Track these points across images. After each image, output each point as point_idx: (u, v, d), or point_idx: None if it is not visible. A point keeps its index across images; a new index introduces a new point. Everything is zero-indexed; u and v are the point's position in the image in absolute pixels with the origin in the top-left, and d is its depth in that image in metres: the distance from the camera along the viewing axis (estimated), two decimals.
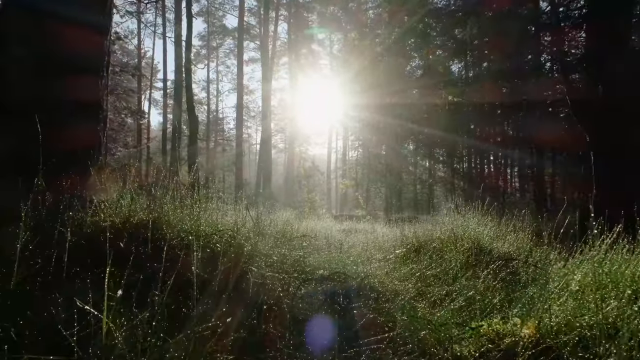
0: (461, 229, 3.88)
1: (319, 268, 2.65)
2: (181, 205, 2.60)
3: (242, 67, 24.13)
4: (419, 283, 2.57)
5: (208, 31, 30.50)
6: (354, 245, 4.36)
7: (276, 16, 25.08)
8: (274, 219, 4.81)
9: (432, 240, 3.91)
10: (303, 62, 27.91)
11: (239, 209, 4.87)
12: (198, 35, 31.27)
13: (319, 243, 3.82)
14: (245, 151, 37.05)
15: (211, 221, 2.81)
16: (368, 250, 4.20)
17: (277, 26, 25.36)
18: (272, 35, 25.17)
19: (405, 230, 6.97)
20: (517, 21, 19.15)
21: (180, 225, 2.41)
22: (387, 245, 4.82)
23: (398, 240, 4.90)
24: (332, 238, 4.71)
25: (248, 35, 27.75)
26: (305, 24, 27.06)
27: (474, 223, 4.11)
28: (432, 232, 4.28)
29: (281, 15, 25.99)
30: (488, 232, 3.78)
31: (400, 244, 4.23)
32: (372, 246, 4.75)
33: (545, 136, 18.33)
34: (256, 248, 2.40)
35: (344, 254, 3.71)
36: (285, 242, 3.41)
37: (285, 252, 2.64)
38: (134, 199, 2.60)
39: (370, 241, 5.50)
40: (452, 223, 4.18)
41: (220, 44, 31.71)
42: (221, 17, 30.18)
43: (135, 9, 23.84)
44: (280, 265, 2.39)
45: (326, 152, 33.37)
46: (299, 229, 5.50)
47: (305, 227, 6.28)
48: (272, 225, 4.54)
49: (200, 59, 31.92)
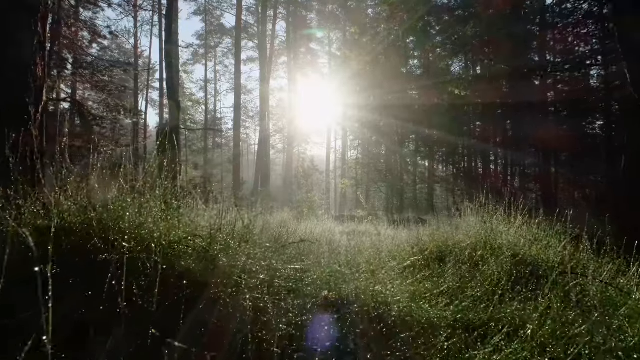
0: (491, 233, 3.21)
1: (322, 287, 1.99)
2: (142, 205, 1.93)
3: (240, 67, 23.46)
4: (458, 307, 1.90)
5: (206, 30, 29.78)
6: (360, 251, 3.70)
7: (274, 15, 24.42)
8: (267, 221, 4.14)
9: (455, 246, 3.24)
10: (302, 61, 27.27)
11: (229, 210, 4.18)
12: (196, 35, 30.65)
13: (320, 250, 3.14)
14: (244, 151, 36.37)
15: (187, 225, 2.16)
16: (379, 257, 3.54)
17: (276, 25, 24.70)
18: (271, 34, 24.52)
19: (415, 232, 6.29)
20: (520, 20, 18.59)
21: (138, 231, 1.75)
22: (398, 249, 4.15)
23: (411, 244, 4.24)
24: (334, 242, 4.05)
25: (246, 34, 27.07)
26: (304, 23, 26.42)
27: (503, 225, 3.45)
28: (451, 236, 3.62)
29: (280, 13, 25.35)
30: (524, 236, 3.12)
31: (415, 250, 3.56)
32: (382, 251, 4.09)
33: (547, 136, 17.76)
34: (237, 261, 1.74)
35: (352, 263, 3.05)
36: (279, 250, 2.74)
37: (279, 266, 1.97)
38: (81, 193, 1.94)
39: (377, 245, 4.83)
40: (477, 226, 3.51)
41: (218, 43, 30.99)
42: (219, 17, 29.50)
43: (131, 8, 23.18)
44: (270, 285, 1.73)
45: (325, 152, 32.70)
46: (297, 231, 4.83)
47: (304, 230, 5.60)
48: (266, 228, 3.87)
49: (198, 59, 31.21)
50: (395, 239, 6.12)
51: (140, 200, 1.89)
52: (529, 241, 3.02)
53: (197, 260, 1.59)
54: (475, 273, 2.41)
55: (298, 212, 13.44)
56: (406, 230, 7.65)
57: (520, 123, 18.88)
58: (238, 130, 23.61)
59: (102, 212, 1.74)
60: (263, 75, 23.30)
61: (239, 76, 23.22)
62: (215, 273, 1.55)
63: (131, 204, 1.84)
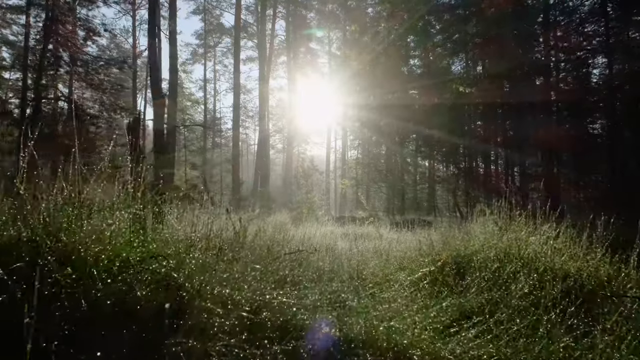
0: (514, 242, 2.80)
1: (322, 317, 1.58)
2: (92, 215, 1.51)
3: (239, 66, 23.04)
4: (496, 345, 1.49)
5: (205, 30, 29.33)
6: (365, 260, 3.29)
7: (274, 14, 23.99)
8: (263, 225, 3.72)
9: (474, 256, 2.82)
10: (301, 60, 26.85)
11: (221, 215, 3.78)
12: (195, 34, 30.20)
13: (321, 264, 2.72)
14: (244, 151, 35.94)
15: (156, 240, 1.75)
16: (385, 268, 3.12)
17: (275, 24, 24.28)
18: (270, 34, 24.10)
19: (420, 235, 5.88)
20: (522, 18, 18.19)
21: (80, 252, 1.34)
22: (406, 257, 3.74)
23: (420, 251, 3.82)
24: (335, 249, 3.63)
25: (245, 34, 26.65)
26: (304, 22, 26.00)
27: (525, 232, 3.03)
28: (467, 244, 3.21)
29: (279, 12, 24.91)
30: (551, 245, 2.70)
31: (427, 260, 3.15)
32: (388, 258, 3.67)
33: (550, 136, 17.37)
34: (213, 288, 1.33)
35: (356, 277, 2.64)
36: (271, 263, 2.33)
37: (267, 292, 1.54)
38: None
39: (383, 251, 4.42)
40: (495, 233, 3.09)
41: (218, 42, 30.54)
42: (218, 16, 29.06)
43: (129, 6, 22.80)
44: (253, 323, 1.32)
45: (325, 152, 32.26)
46: (295, 237, 4.41)
47: (302, 234, 5.17)
48: (261, 234, 3.46)
49: (197, 58, 30.78)
50: (400, 243, 5.71)
51: (88, 210, 1.48)
52: (558, 251, 2.61)
53: (156, 289, 1.19)
54: (505, 292, 1.99)
55: (297, 213, 13.03)
56: (410, 233, 7.24)
57: (522, 122, 18.50)
58: (237, 130, 23.21)
59: (38, 225, 1.33)
60: (262, 75, 22.89)
61: (238, 76, 22.80)
62: (179, 308, 1.15)
63: (77, 214, 1.43)
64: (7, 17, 17.30)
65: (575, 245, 2.65)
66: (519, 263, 2.39)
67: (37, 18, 13.25)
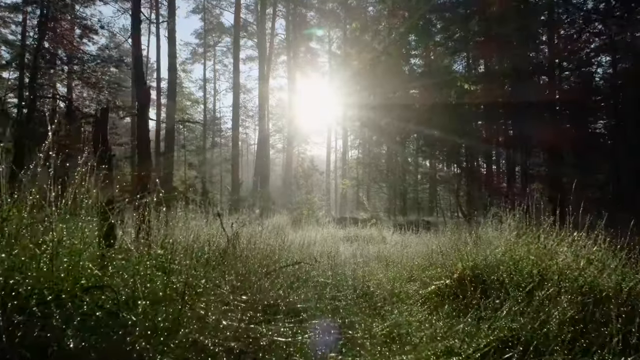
0: (544, 252, 2.45)
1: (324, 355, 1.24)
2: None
3: (239, 65, 22.69)
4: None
5: (204, 29, 28.96)
6: (372, 271, 2.94)
7: (273, 13, 23.64)
8: (257, 232, 3.38)
9: (496, 267, 2.47)
10: (301, 60, 26.50)
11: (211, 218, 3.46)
12: (195, 33, 29.85)
13: (320, 280, 2.38)
14: (244, 151, 35.61)
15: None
16: (396, 281, 2.78)
17: (275, 23, 23.93)
18: (270, 33, 23.75)
19: (426, 238, 5.54)
20: (524, 17, 17.83)
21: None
22: (415, 265, 3.39)
23: (429, 258, 3.48)
24: (338, 259, 3.28)
25: (245, 33, 26.29)
26: (304, 21, 25.65)
27: (552, 240, 2.68)
28: (483, 252, 2.86)
29: (279, 11, 24.56)
30: (584, 256, 2.35)
31: (439, 271, 2.81)
32: (396, 267, 3.33)
33: (553, 135, 17.04)
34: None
35: (361, 293, 2.30)
36: (265, 277, 1.99)
37: (253, 334, 1.20)
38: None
39: (389, 259, 4.08)
40: (522, 243, 2.75)
41: (218, 42, 30.17)
42: (218, 15, 28.69)
43: (128, 5, 22.44)
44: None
45: (325, 152, 31.92)
46: (294, 242, 4.07)
47: (302, 239, 4.83)
48: (255, 240, 3.11)
49: (197, 58, 30.41)
50: (405, 246, 5.36)
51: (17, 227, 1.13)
52: (594, 264, 2.26)
53: (94, 335, 0.85)
54: (543, 316, 1.65)
55: (297, 214, 12.68)
56: (414, 235, 6.90)
57: (524, 122, 18.14)
58: (237, 130, 22.87)
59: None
60: (262, 75, 22.54)
61: (237, 75, 22.47)
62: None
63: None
64: (5, 16, 16.98)
65: (613, 256, 2.31)
66: (553, 279, 2.04)
67: (32, 15, 12.92)
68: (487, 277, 2.35)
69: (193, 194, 13.62)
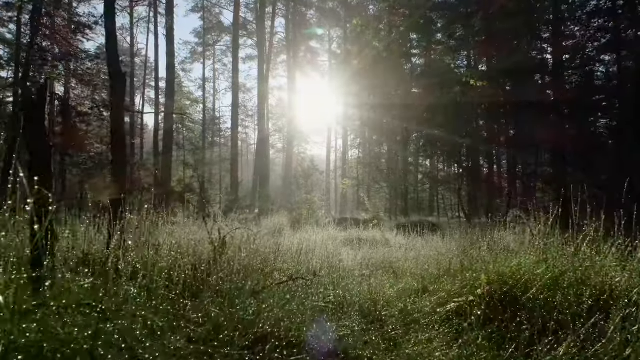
0: (584, 263, 2.03)
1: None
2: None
3: (238, 65, 22.29)
4: None
5: (204, 28, 28.51)
6: (380, 284, 2.54)
7: (273, 12, 23.21)
8: (249, 237, 2.96)
9: (532, 281, 2.06)
10: (301, 59, 26.08)
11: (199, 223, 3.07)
12: (194, 32, 29.38)
13: (321, 304, 1.97)
14: (244, 151, 35.22)
15: None
16: (407, 296, 2.36)
17: (274, 22, 23.51)
18: (269, 32, 23.33)
19: (433, 242, 5.12)
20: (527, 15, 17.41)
21: None
22: (427, 275, 2.98)
23: (443, 266, 3.07)
24: (341, 269, 2.87)
25: (245, 32, 25.88)
26: (304, 20, 25.23)
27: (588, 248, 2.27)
28: (507, 262, 2.45)
29: (279, 10, 24.14)
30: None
31: (457, 284, 2.39)
32: (406, 277, 2.91)
33: (557, 135, 16.64)
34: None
35: (369, 316, 1.89)
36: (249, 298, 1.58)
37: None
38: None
39: (394, 264, 3.67)
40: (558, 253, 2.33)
41: (217, 40, 29.72)
42: (218, 14, 28.26)
43: (126, 3, 22.06)
44: None
45: (325, 151, 31.49)
46: (292, 246, 3.65)
47: (301, 241, 4.41)
48: (245, 248, 2.70)
49: (196, 57, 29.96)
50: (410, 250, 4.94)
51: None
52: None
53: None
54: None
55: (297, 214, 12.25)
56: (419, 238, 6.48)
57: (527, 122, 17.74)
58: (236, 130, 22.46)
59: None
60: (261, 74, 22.11)
61: (236, 74, 22.06)
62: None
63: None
64: (3, 15, 16.60)
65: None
66: (618, 303, 1.63)
67: (27, 12, 12.51)
68: (519, 294, 1.94)
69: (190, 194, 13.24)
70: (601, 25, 16.73)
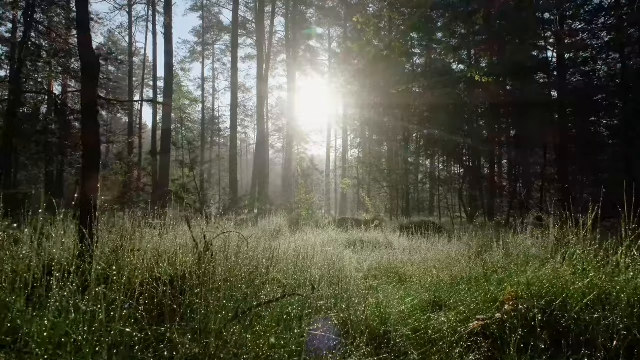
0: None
1: None
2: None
3: (237, 64, 21.93)
4: None
5: (203, 27, 28.16)
6: (388, 298, 2.20)
7: (272, 11, 22.86)
8: (241, 242, 2.62)
9: (575, 297, 1.72)
10: (301, 59, 25.75)
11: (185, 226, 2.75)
12: (193, 31, 29.01)
13: (320, 333, 1.63)
14: (243, 151, 34.89)
15: None
16: (420, 311, 2.03)
17: (274, 21, 23.15)
18: (269, 31, 22.99)
19: (439, 245, 4.79)
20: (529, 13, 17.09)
21: None
22: (440, 284, 2.65)
23: (457, 273, 2.74)
24: (344, 279, 2.53)
25: (244, 31, 25.54)
26: (303, 19, 24.89)
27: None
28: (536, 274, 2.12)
29: (278, 9, 23.79)
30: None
31: (478, 295, 2.06)
32: (416, 289, 2.57)
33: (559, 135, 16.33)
34: None
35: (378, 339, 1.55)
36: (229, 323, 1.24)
37: None
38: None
39: (400, 269, 3.34)
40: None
41: (216, 40, 29.36)
42: (217, 13, 27.92)
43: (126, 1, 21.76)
44: None
45: (325, 151, 31.16)
46: (288, 250, 3.31)
47: (298, 243, 4.06)
48: (235, 253, 2.36)
49: (196, 57, 29.58)
50: (415, 252, 4.60)
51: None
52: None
53: None
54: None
55: (296, 214, 11.91)
56: (423, 239, 6.14)
57: (529, 122, 17.42)
58: (234, 130, 22.08)
59: None
60: (260, 74, 21.75)
61: (235, 74, 21.68)
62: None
63: None
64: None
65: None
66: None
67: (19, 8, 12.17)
68: (559, 313, 1.60)
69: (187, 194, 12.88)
70: (603, 25, 16.41)
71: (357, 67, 21.74)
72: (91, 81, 2.89)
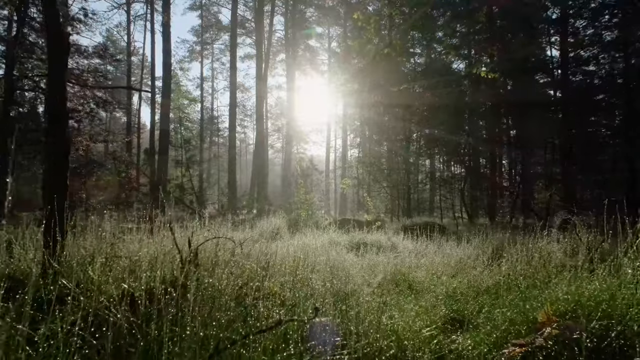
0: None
1: None
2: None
3: (236, 63, 21.63)
4: None
5: (202, 26, 27.82)
6: (402, 313, 1.89)
7: (272, 10, 22.56)
8: (232, 248, 2.31)
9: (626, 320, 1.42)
10: (301, 58, 25.44)
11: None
12: (192, 30, 28.68)
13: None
14: (242, 151, 34.58)
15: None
16: (439, 331, 1.72)
17: (273, 20, 22.85)
18: (268, 30, 22.68)
19: (450, 249, 4.49)
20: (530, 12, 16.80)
21: None
22: (458, 295, 2.35)
23: (459, 271, 2.43)
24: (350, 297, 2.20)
25: (243, 30, 25.22)
26: (303, 18, 24.59)
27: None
28: (577, 290, 1.81)
29: (277, 9, 23.48)
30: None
31: (503, 311, 1.75)
32: (429, 300, 2.26)
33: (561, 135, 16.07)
34: None
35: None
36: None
37: None
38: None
39: (409, 275, 3.03)
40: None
41: (215, 39, 29.01)
42: (216, 13, 27.60)
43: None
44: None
45: (325, 151, 30.85)
46: (286, 257, 2.99)
47: (296, 248, 3.74)
48: (224, 261, 2.06)
49: (195, 56, 29.23)
50: (419, 255, 4.29)
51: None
52: None
53: None
54: None
55: (296, 215, 11.58)
56: (429, 242, 5.83)
57: (530, 121, 17.13)
58: (233, 130, 21.76)
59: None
60: (259, 74, 21.44)
61: (234, 74, 21.38)
62: None
63: None
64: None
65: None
66: None
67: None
68: (616, 341, 1.29)
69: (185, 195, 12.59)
70: (605, 24, 16.13)
71: (357, 66, 21.42)
72: (58, 64, 2.56)
